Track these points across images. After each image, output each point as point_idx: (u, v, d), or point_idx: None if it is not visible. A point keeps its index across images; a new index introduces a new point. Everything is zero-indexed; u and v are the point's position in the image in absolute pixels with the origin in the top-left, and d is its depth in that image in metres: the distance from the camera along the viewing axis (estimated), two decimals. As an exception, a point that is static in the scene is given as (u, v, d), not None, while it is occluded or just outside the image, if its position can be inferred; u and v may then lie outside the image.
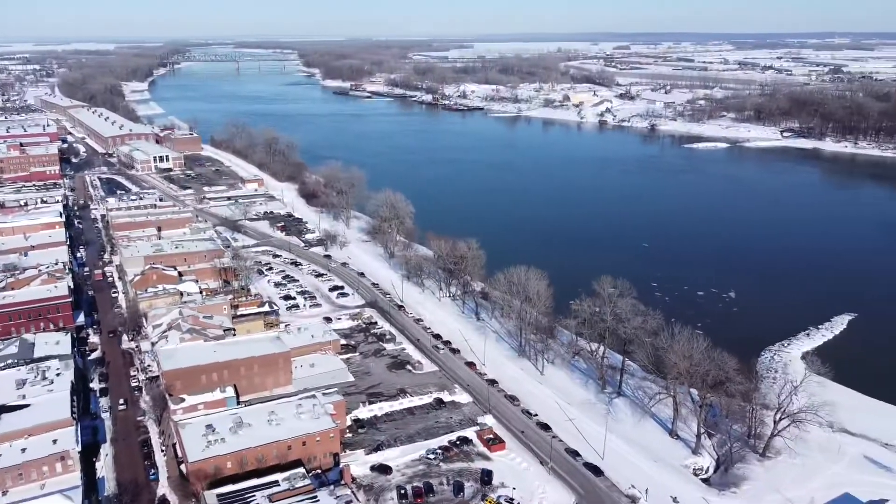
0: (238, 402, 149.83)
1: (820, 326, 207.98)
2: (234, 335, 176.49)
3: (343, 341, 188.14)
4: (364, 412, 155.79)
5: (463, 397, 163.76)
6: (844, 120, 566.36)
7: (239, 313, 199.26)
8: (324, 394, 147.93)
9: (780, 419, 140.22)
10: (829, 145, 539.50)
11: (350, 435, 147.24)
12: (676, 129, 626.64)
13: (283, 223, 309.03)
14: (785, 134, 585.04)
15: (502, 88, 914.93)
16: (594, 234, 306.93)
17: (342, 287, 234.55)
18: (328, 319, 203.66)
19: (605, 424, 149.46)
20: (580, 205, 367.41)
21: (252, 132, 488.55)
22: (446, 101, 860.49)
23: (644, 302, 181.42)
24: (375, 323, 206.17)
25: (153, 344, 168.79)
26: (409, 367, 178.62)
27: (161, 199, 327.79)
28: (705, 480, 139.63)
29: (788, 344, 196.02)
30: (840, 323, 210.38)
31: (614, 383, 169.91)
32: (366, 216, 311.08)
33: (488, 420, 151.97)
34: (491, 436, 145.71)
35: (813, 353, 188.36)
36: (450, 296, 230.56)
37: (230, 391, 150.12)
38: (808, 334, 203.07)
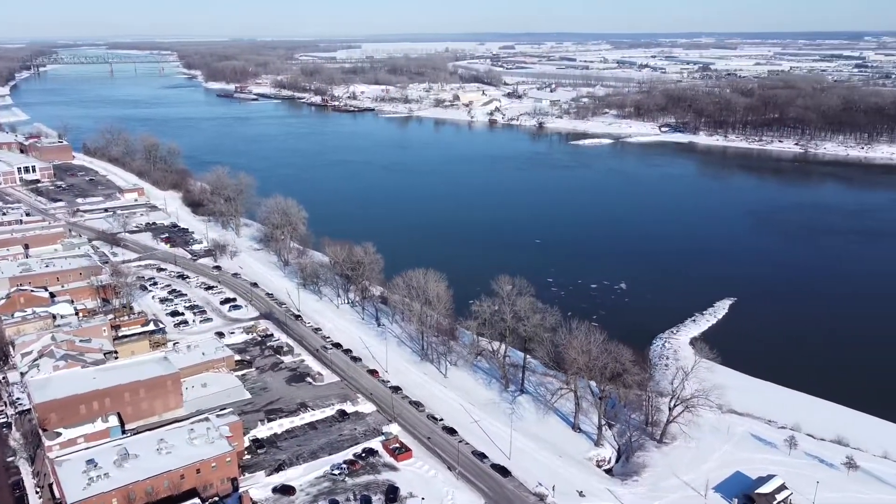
0: (123, 432, 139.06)
1: (704, 312, 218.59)
2: (117, 358, 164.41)
3: (237, 357, 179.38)
4: (263, 431, 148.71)
5: (367, 407, 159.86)
6: (715, 115, 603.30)
7: (121, 334, 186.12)
8: (218, 415, 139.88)
9: (675, 406, 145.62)
10: (703, 139, 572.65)
11: (249, 456, 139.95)
12: (563, 127, 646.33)
13: (167, 234, 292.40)
14: (663, 129, 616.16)
15: (392, 89, 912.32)
16: (489, 233, 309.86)
17: (234, 299, 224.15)
18: (220, 334, 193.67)
19: (509, 423, 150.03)
20: (475, 204, 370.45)
21: (129, 139, 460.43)
22: (336, 103, 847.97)
23: (541, 298, 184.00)
24: (271, 335, 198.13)
25: (22, 374, 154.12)
26: (309, 379, 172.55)
27: (28, 214, 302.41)
28: (608, 471, 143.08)
29: (677, 331, 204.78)
30: (722, 307, 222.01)
31: (517, 381, 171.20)
32: (257, 223, 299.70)
33: (393, 429, 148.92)
34: (397, 445, 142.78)
35: (700, 339, 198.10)
36: (349, 302, 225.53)
37: (113, 420, 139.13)
38: (693, 320, 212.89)
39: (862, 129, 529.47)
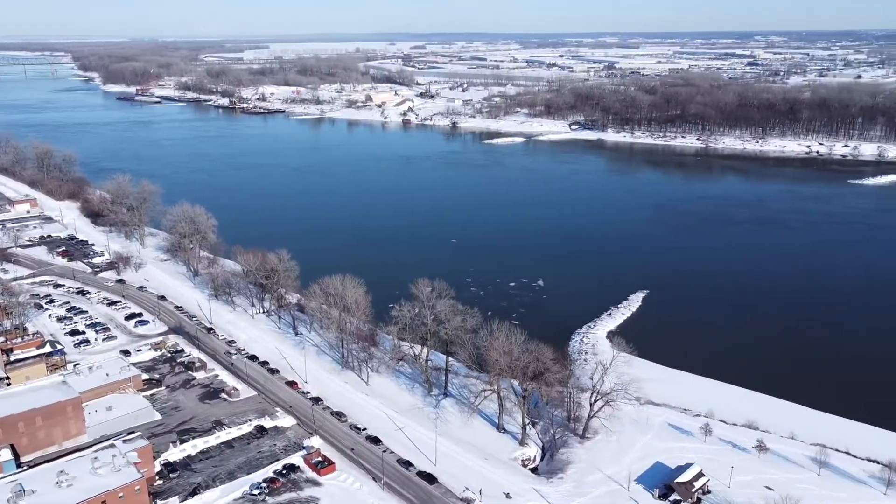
0: (18, 466, 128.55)
1: (619, 305, 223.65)
2: (9, 385, 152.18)
3: (145, 376, 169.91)
4: (175, 453, 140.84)
5: (286, 421, 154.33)
6: (621, 112, 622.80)
7: (14, 358, 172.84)
8: (125, 440, 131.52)
9: (595, 401, 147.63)
10: (611, 136, 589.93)
11: (160, 482, 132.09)
12: (477, 126, 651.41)
13: (64, 248, 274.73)
14: (573, 126, 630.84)
15: (303, 90, 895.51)
16: (406, 235, 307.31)
17: (140, 314, 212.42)
18: (126, 353, 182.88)
19: (434, 429, 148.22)
20: (390, 205, 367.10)
21: (19, 146, 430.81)
22: (245, 105, 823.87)
23: (461, 299, 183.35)
24: (182, 350, 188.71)
25: None
26: (224, 395, 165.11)
27: None
28: (534, 470, 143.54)
29: (594, 325, 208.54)
30: (636, 300, 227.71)
31: (440, 385, 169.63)
32: (163, 233, 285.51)
33: (315, 442, 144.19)
34: (319, 458, 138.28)
35: (616, 332, 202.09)
36: (264, 312, 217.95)
37: (6, 453, 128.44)
38: (609, 314, 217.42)
39: (756, 123, 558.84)
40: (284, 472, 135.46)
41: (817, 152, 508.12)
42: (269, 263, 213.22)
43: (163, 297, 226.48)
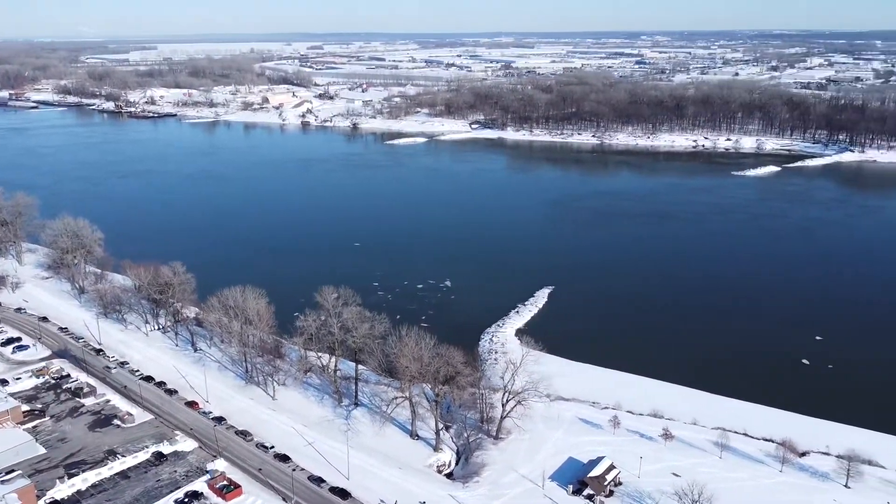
0: None
1: (526, 302, 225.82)
2: None
3: (25, 406, 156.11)
4: (63, 490, 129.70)
5: (187, 444, 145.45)
6: (520, 111, 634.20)
7: None
8: (2, 481, 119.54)
9: (507, 401, 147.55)
10: (511, 134, 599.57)
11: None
12: (378, 127, 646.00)
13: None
14: (473, 126, 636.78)
15: (195, 92, 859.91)
16: (308, 240, 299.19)
17: (19, 338, 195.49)
18: (3, 382, 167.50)
19: (345, 441, 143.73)
20: (290, 210, 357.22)
21: None
22: (132, 109, 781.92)
23: (369, 305, 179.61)
24: (68, 376, 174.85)
25: None
26: (116, 421, 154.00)
27: None
28: (449, 475, 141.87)
29: (503, 324, 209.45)
30: (542, 296, 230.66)
31: (350, 395, 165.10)
32: (43, 248, 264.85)
33: (219, 465, 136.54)
34: (224, 482, 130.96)
35: (524, 330, 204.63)
36: (159, 329, 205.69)
37: None
38: (517, 312, 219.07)
39: (647, 120, 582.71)
40: (187, 500, 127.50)
41: (703, 146, 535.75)
42: (162, 277, 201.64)
43: (45, 319, 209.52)
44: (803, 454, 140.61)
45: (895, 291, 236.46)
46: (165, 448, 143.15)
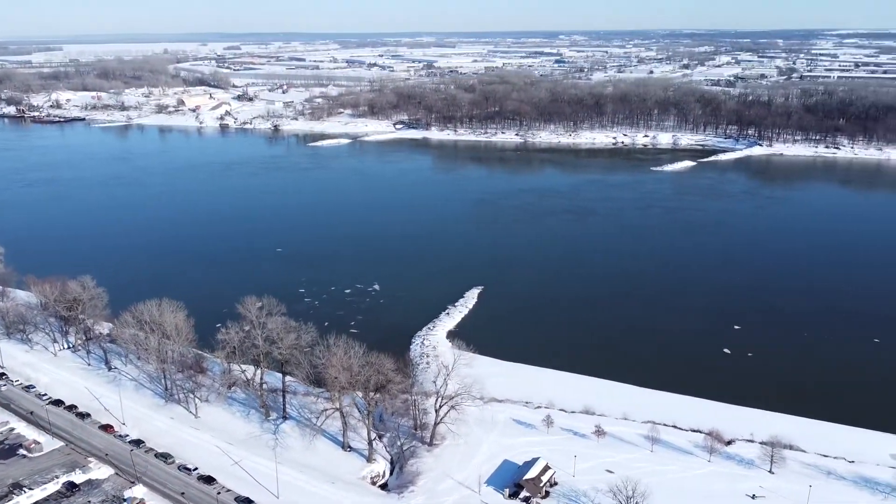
0: None
1: (456, 304, 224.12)
2: None
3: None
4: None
5: (102, 472, 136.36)
6: (443, 111, 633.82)
7: None
8: None
9: (440, 406, 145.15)
10: (435, 134, 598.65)
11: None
12: (300, 129, 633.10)
13: None
14: (397, 126, 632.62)
15: (105, 95, 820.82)
16: (228, 247, 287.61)
17: None
18: None
19: (274, 457, 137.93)
20: (208, 216, 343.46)
21: None
22: (36, 113, 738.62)
23: (295, 313, 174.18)
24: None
25: None
26: (22, 451, 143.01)
27: None
28: (384, 486, 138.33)
29: (434, 327, 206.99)
30: (471, 297, 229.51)
31: (278, 408, 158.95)
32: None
33: (138, 491, 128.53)
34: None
35: (456, 331, 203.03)
36: (69, 347, 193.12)
37: None
38: (447, 313, 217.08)
39: (568, 118, 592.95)
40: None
41: (622, 143, 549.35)
42: (70, 292, 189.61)
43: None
44: (729, 443, 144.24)
45: (802, 279, 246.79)
46: (78, 477, 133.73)
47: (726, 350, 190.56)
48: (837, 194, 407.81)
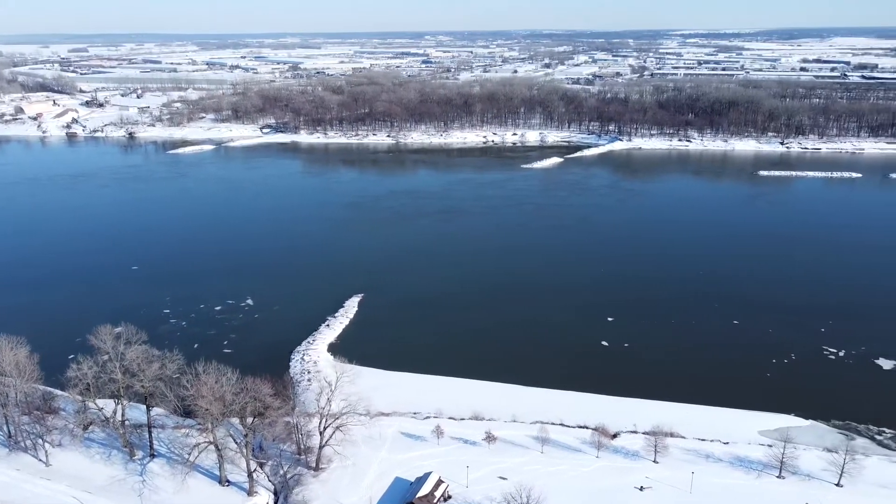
0: None
1: (336, 314, 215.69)
2: None
3: None
4: None
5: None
6: (312, 113, 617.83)
7: None
8: None
9: (325, 427, 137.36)
10: (305, 137, 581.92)
11: None
12: (158, 135, 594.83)
13: None
14: (264, 130, 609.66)
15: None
16: (75, 269, 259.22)
17: None
18: None
19: (141, 502, 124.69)
20: (51, 235, 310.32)
21: None
22: None
23: (160, 337, 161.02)
24: None
25: None
26: None
27: None
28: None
29: (314, 340, 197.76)
30: (352, 305, 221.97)
31: (144, 446, 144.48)
32: None
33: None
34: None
35: (337, 344, 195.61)
36: None
37: None
38: (328, 325, 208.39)
39: (438, 118, 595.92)
40: None
41: (492, 141, 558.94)
42: None
43: None
44: (615, 436, 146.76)
45: (664, 267, 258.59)
46: None
47: (604, 343, 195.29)
48: (691, 184, 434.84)
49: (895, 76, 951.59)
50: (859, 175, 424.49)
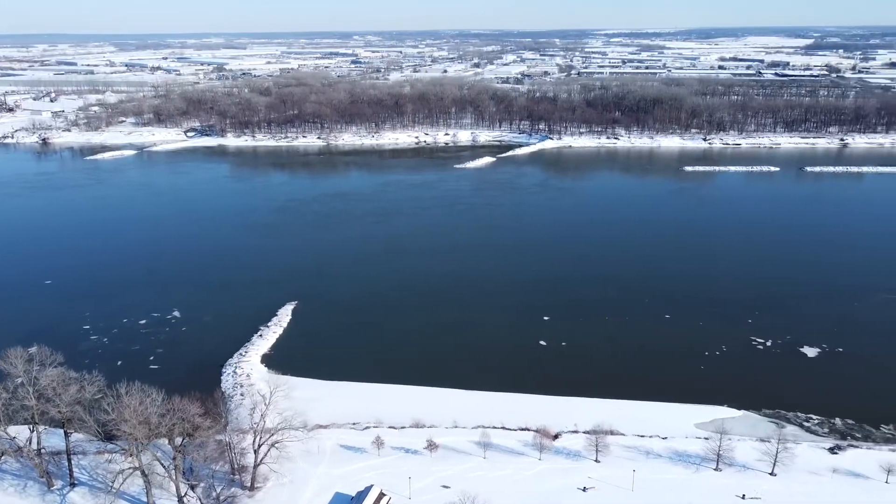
0: None
1: (269, 323, 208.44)
2: None
3: None
4: None
5: None
6: (239, 115, 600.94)
7: None
8: None
9: (260, 444, 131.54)
10: (232, 140, 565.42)
11: None
12: (74, 141, 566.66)
13: None
14: (189, 133, 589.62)
15: None
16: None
17: None
18: None
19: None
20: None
21: None
22: None
23: (80, 356, 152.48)
24: None
25: None
26: None
27: None
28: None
29: (246, 352, 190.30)
30: (286, 314, 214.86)
31: (63, 474, 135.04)
32: None
33: None
34: None
35: (271, 354, 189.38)
36: None
37: None
38: (260, 335, 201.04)
39: (369, 119, 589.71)
40: None
41: (425, 142, 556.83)
42: None
43: None
44: (556, 436, 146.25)
45: (595, 265, 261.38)
46: None
47: (542, 342, 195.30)
48: (620, 181, 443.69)
49: (806, 74, 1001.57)
50: (777, 169, 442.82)
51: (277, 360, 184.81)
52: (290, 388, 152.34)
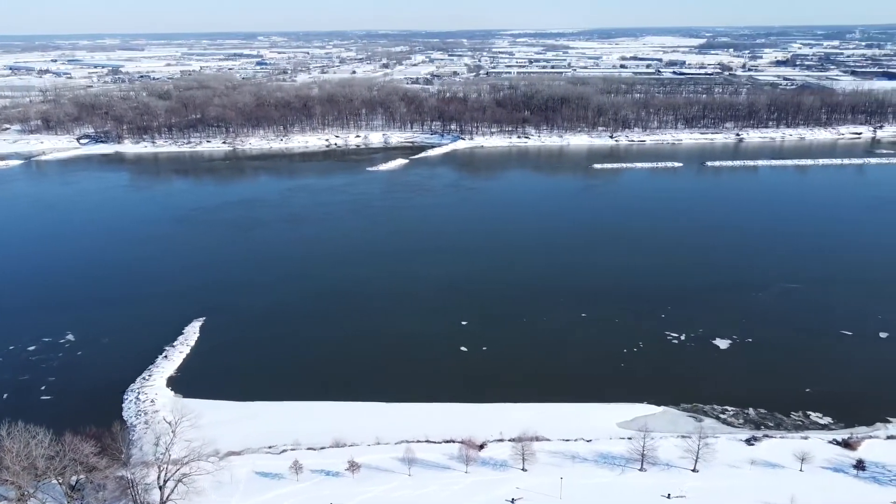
0: None
1: (175, 343, 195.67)
2: None
3: None
4: None
5: None
6: (137, 121, 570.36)
7: None
8: None
9: (167, 479, 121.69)
10: (130, 147, 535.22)
11: None
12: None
13: None
14: (82, 141, 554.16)
15: None
16: None
17: None
18: None
19: None
20: None
21: None
22: None
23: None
24: None
25: None
26: None
27: None
28: None
29: (150, 375, 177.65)
30: (193, 332, 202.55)
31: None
32: None
33: None
34: None
35: (178, 376, 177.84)
36: None
37: None
38: (166, 356, 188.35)
39: (277, 122, 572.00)
40: None
41: (335, 144, 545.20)
42: None
43: None
44: (482, 446, 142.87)
45: (507, 264, 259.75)
46: None
47: (463, 348, 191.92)
48: (531, 179, 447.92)
49: (701, 72, 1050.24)
50: (680, 164, 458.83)
51: (185, 383, 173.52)
52: (199, 413, 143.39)
